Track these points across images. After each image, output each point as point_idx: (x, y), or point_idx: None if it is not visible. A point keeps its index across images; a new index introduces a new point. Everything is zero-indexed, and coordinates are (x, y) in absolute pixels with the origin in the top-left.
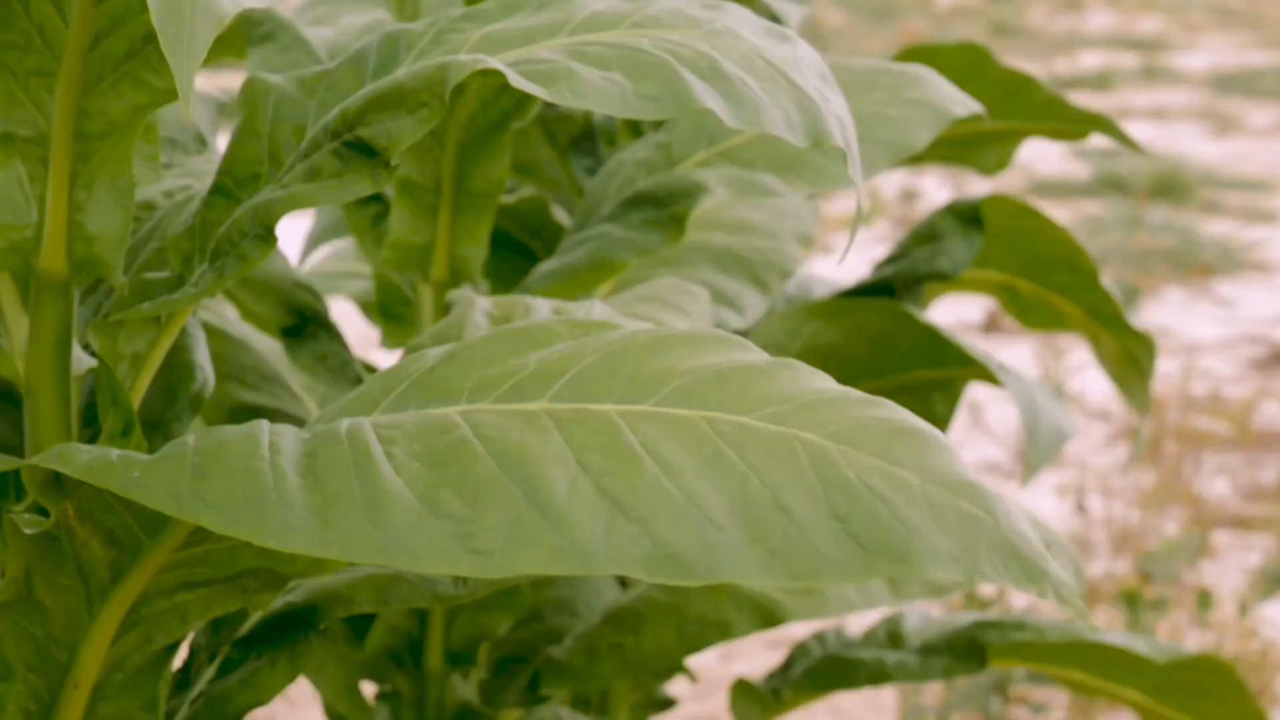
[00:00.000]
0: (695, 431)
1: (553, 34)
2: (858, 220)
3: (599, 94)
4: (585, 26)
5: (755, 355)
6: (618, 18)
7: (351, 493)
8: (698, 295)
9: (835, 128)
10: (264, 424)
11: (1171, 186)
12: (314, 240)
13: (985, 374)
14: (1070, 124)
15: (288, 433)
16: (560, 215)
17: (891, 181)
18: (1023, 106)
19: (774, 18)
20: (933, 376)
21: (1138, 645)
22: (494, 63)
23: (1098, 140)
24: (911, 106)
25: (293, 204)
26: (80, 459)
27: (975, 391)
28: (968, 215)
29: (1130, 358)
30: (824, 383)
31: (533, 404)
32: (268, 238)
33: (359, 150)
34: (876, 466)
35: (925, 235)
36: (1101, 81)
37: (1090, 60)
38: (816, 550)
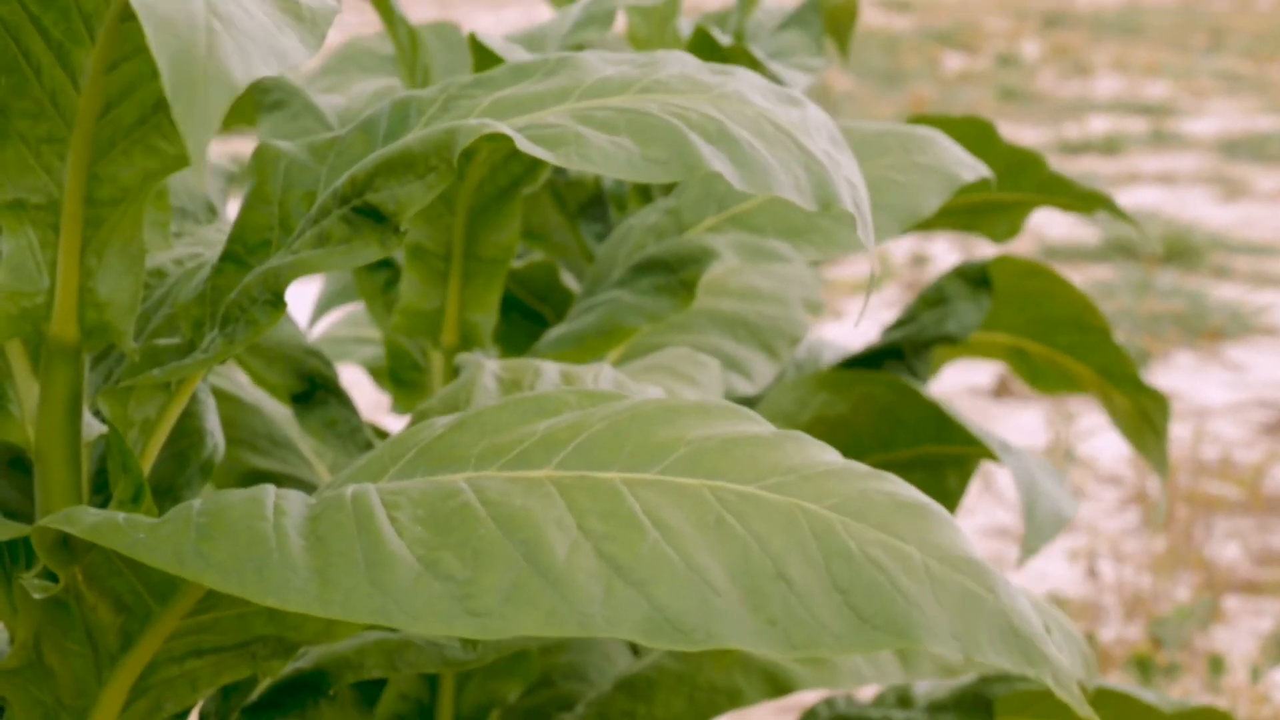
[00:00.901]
0: (698, 499)
1: (561, 99)
2: (871, 284)
3: (606, 158)
4: (593, 92)
5: (761, 426)
6: (626, 83)
7: (353, 554)
8: (708, 365)
9: (845, 192)
10: (269, 488)
11: (1181, 251)
12: (324, 305)
13: (988, 453)
14: (1074, 200)
15: (294, 497)
16: (569, 281)
17: (901, 246)
18: (1029, 182)
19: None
20: (944, 452)
21: (1145, 695)
22: (501, 127)
23: None
24: (920, 171)
25: (302, 270)
26: (87, 520)
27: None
28: (975, 278)
29: (1144, 416)
30: (829, 455)
31: (538, 471)
32: (277, 303)
33: (368, 215)
34: (878, 539)
35: (933, 299)
36: (1110, 146)
37: (1099, 125)
38: (816, 620)
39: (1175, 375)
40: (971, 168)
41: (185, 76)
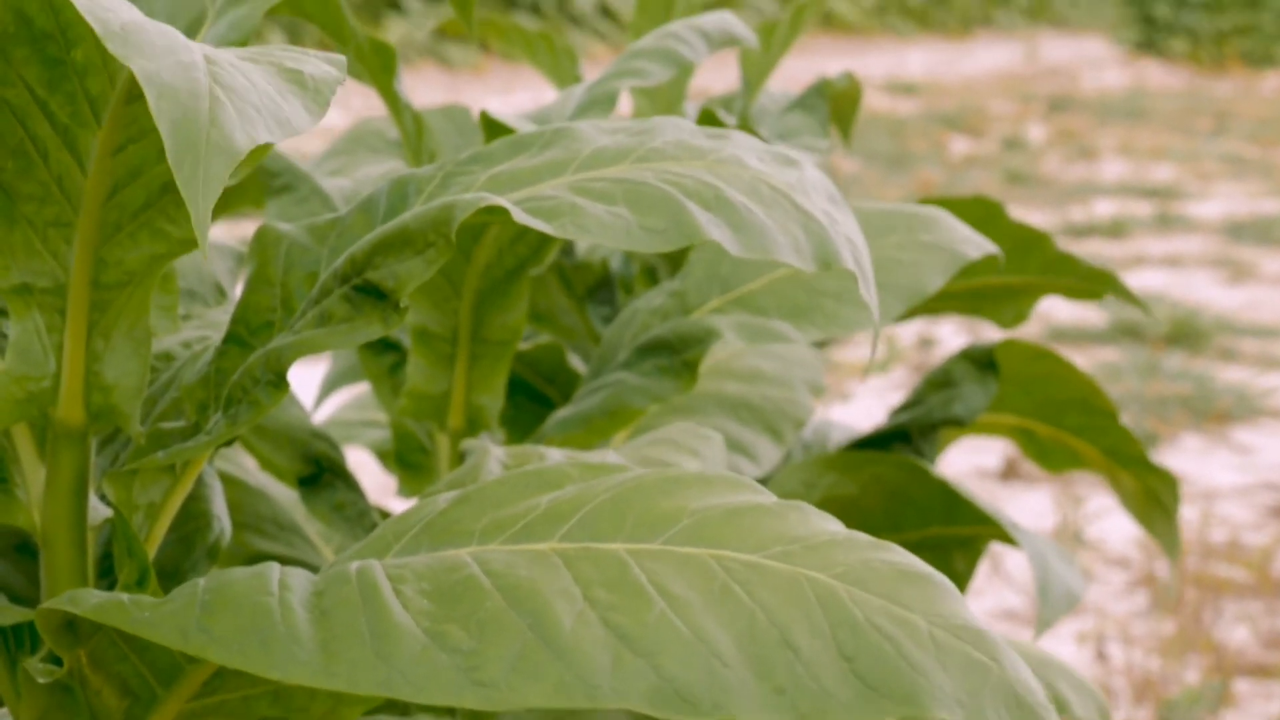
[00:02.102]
0: (703, 569)
1: (558, 172)
2: (875, 340)
3: (603, 228)
4: (590, 163)
5: (764, 496)
6: (622, 152)
7: (358, 626)
8: (711, 439)
9: (845, 250)
10: (274, 565)
11: (1187, 334)
12: (331, 384)
13: (1000, 533)
14: (1082, 280)
15: (298, 574)
16: (576, 363)
17: (909, 329)
18: (1035, 261)
19: None
20: (952, 534)
21: None
22: (497, 200)
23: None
24: (925, 250)
25: (304, 350)
26: (91, 601)
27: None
28: (982, 360)
29: (1153, 496)
30: (832, 525)
31: (542, 544)
32: (280, 384)
33: (369, 294)
34: (883, 607)
35: (940, 381)
36: (1116, 229)
37: (1104, 208)
38: (823, 688)
39: (1182, 458)
40: (977, 245)
41: (188, 144)
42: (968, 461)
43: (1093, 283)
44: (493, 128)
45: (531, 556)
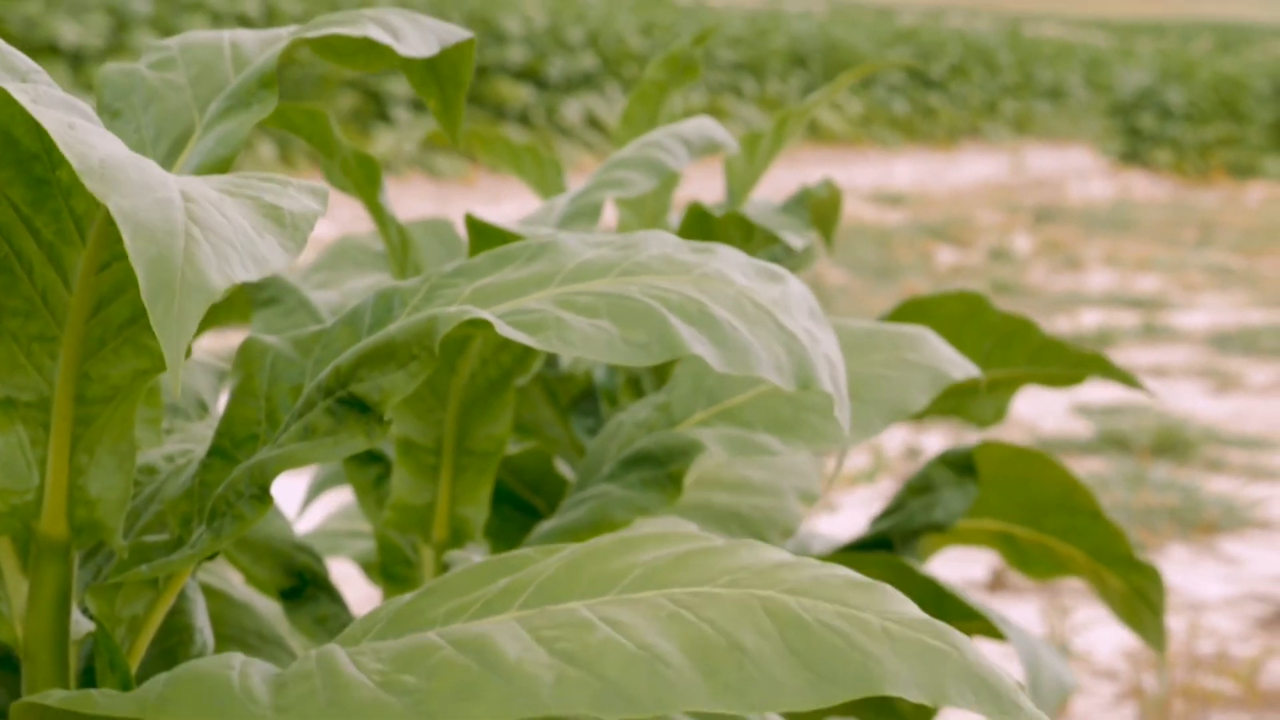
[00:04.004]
0: (652, 604)
1: (543, 285)
2: (842, 456)
3: (587, 341)
4: (574, 276)
5: (716, 540)
6: (606, 266)
7: (313, 686)
8: (687, 528)
9: (824, 371)
10: (239, 654)
11: (1174, 444)
12: (314, 491)
13: (988, 628)
14: (1069, 366)
15: (264, 664)
16: (564, 469)
17: (895, 439)
18: (1021, 350)
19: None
20: None
21: None
22: (481, 313)
23: (1100, 397)
24: (910, 368)
25: (288, 463)
26: (62, 694)
27: (980, 645)
28: (961, 464)
29: (1139, 594)
30: (783, 555)
31: (502, 615)
32: (263, 498)
33: (353, 406)
34: (834, 610)
35: (920, 487)
36: (1102, 340)
37: (1091, 319)
38: (771, 679)
39: (1170, 569)
40: (961, 367)
41: (162, 283)
42: (954, 573)
43: (1081, 367)
44: (479, 231)
45: (490, 623)
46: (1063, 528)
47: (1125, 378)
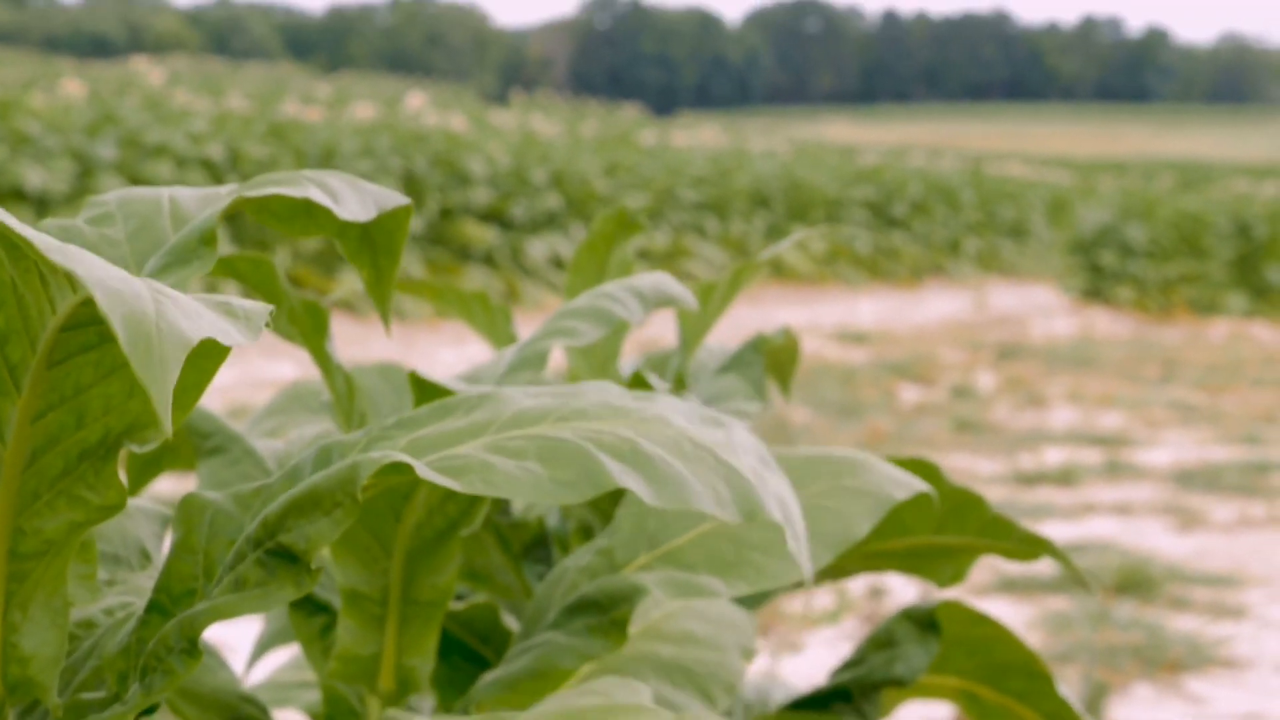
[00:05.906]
0: None
1: (478, 434)
2: (808, 584)
3: (512, 482)
4: (511, 424)
5: (664, 715)
6: (543, 413)
7: None
8: (639, 691)
9: (773, 504)
10: None
11: (1137, 582)
12: (262, 646)
13: None
14: (1018, 544)
15: None
16: (511, 622)
17: (859, 580)
18: (973, 523)
19: None
20: None
21: None
22: (401, 457)
23: (1064, 535)
24: (851, 495)
25: (217, 615)
26: None
27: None
28: (924, 621)
29: None
30: None
31: None
32: (193, 652)
33: (281, 557)
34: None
35: (882, 641)
36: (1065, 477)
37: (1054, 456)
38: None
39: (1134, 708)
40: (904, 485)
41: (140, 334)
42: (916, 717)
43: (1029, 546)
44: (421, 387)
45: None
46: (1022, 691)
47: (1071, 565)
